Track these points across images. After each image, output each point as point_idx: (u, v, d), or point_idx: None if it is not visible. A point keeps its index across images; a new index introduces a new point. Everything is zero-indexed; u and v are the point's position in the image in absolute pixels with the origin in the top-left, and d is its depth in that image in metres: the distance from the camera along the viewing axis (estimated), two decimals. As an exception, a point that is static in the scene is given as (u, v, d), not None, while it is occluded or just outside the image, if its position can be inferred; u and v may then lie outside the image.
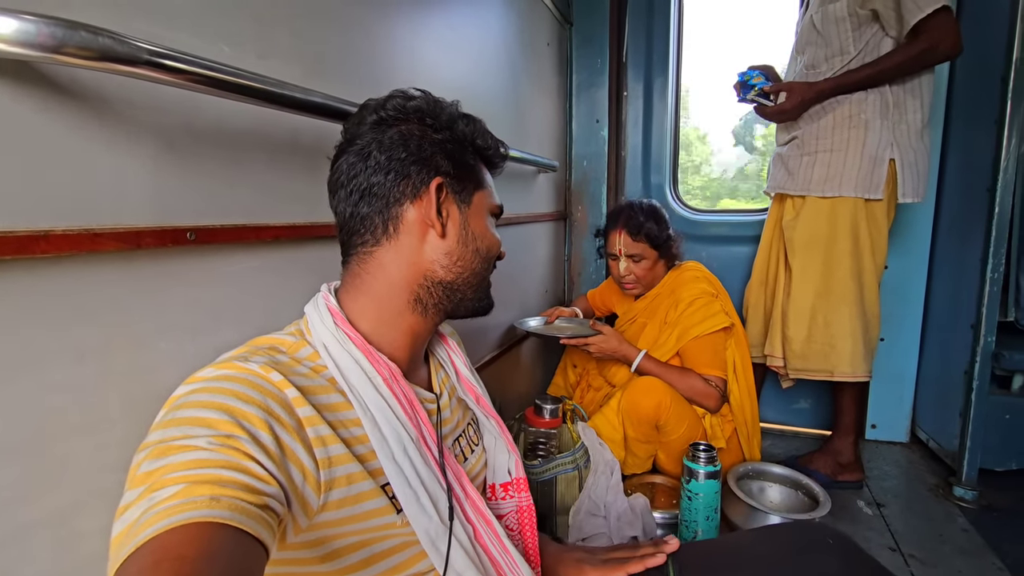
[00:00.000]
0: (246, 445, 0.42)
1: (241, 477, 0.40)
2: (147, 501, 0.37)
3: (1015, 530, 1.43)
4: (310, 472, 0.47)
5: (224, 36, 0.67)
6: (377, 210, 0.60)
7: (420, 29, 1.11)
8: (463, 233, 0.64)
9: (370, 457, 0.54)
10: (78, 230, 0.51)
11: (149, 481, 0.38)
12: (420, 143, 0.61)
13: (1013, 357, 1.63)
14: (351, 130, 0.62)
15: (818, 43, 1.52)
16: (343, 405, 0.55)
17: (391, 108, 0.61)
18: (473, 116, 0.67)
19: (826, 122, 1.51)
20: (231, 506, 0.38)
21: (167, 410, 0.45)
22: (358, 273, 0.62)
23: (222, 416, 0.43)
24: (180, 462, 0.39)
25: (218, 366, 0.49)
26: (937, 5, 1.30)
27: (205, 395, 0.45)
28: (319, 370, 0.56)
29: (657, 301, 1.60)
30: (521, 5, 1.68)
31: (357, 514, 0.52)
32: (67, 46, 0.44)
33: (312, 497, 0.48)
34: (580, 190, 2.25)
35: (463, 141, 0.65)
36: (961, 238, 1.68)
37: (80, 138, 0.52)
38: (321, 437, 0.50)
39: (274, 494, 0.42)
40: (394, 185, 0.60)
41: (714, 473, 1.19)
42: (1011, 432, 1.65)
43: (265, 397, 0.47)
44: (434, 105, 0.63)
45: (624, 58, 2.21)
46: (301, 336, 0.59)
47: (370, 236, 0.61)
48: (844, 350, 1.53)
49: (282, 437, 0.46)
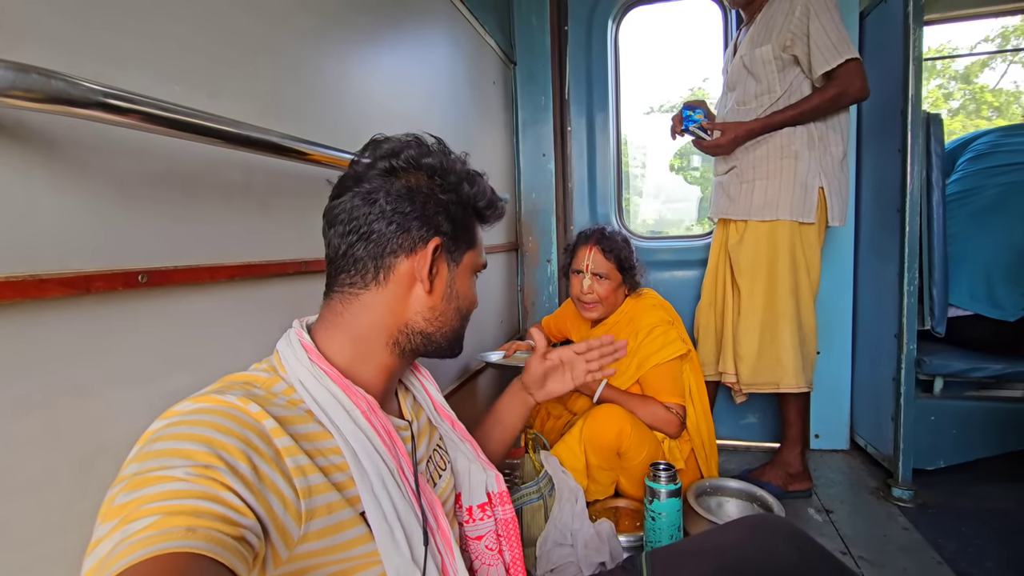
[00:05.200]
0: (224, 476, 0.41)
1: (218, 508, 0.39)
2: (120, 533, 0.36)
3: (948, 525, 1.53)
4: (290, 502, 0.47)
5: (176, 77, 0.66)
6: (371, 255, 0.62)
7: (372, 68, 1.13)
8: (448, 291, 0.67)
9: (348, 485, 0.54)
10: (22, 276, 0.48)
11: (123, 513, 0.37)
12: (426, 201, 0.63)
13: (933, 362, 1.77)
14: (360, 171, 0.63)
15: (748, 81, 1.66)
16: (321, 434, 0.55)
17: (404, 160, 0.62)
18: (478, 175, 0.69)
19: (761, 152, 1.63)
20: (207, 537, 0.37)
21: (143, 444, 0.44)
22: (340, 312, 0.63)
23: (200, 447, 0.42)
24: (156, 493, 0.38)
25: (195, 400, 0.48)
26: (841, 59, 1.46)
27: (183, 427, 0.44)
28: (296, 403, 0.56)
29: (616, 329, 1.63)
30: (467, 46, 1.74)
31: (338, 544, 0.51)
32: (16, 89, 0.43)
33: (293, 527, 0.47)
34: (530, 221, 2.31)
35: (466, 203, 0.67)
36: (879, 256, 1.84)
37: (24, 181, 0.50)
38: (300, 467, 0.49)
39: (251, 526, 0.41)
40: (394, 236, 0.61)
41: (675, 491, 1.22)
42: (937, 432, 1.78)
43: (243, 428, 0.46)
44: (446, 164, 0.65)
45: (567, 95, 2.32)
46: (274, 372, 0.58)
47: (359, 279, 0.62)
48: (788, 363, 1.62)
49: (261, 468, 0.45)
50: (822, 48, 1.47)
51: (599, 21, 2.26)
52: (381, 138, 0.66)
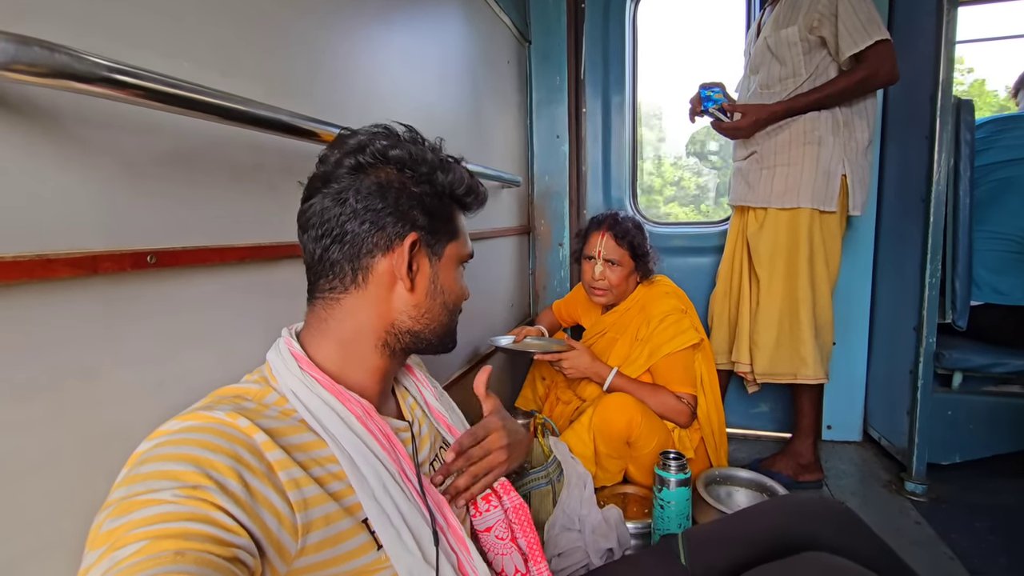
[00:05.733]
0: (214, 495, 0.40)
1: (208, 529, 0.38)
2: (108, 561, 0.35)
3: (961, 520, 1.52)
4: (285, 517, 0.46)
5: (185, 53, 0.64)
6: (348, 258, 0.59)
7: (384, 47, 1.10)
8: (432, 287, 0.64)
9: (346, 493, 0.53)
10: (29, 256, 0.48)
11: (111, 540, 0.37)
12: (398, 196, 0.60)
13: (952, 356, 1.73)
14: (327, 170, 0.60)
15: (772, 64, 1.60)
16: (316, 443, 0.53)
17: (370, 155, 0.59)
18: (454, 161, 0.66)
19: (783, 138, 1.58)
20: (197, 560, 0.36)
21: (130, 467, 0.43)
22: (324, 318, 0.61)
23: (188, 467, 0.41)
24: (143, 518, 0.37)
25: (182, 418, 0.47)
26: (872, 40, 1.40)
27: (170, 448, 0.43)
28: (289, 413, 0.54)
29: (628, 316, 1.61)
30: (481, 24, 1.70)
31: (339, 555, 0.50)
32: (18, 63, 0.42)
33: (289, 542, 0.46)
34: (542, 204, 2.28)
35: (442, 193, 0.64)
36: (901, 246, 1.79)
37: (31, 159, 0.49)
38: (294, 480, 0.48)
39: (244, 545, 0.40)
40: (368, 236, 0.59)
41: (685, 480, 1.21)
42: (953, 427, 1.75)
43: (233, 444, 0.45)
44: (415, 154, 0.62)
45: (582, 76, 2.27)
46: (266, 383, 0.57)
47: (338, 283, 0.60)
48: (807, 354, 1.60)
49: (252, 484, 0.44)
50: (851, 29, 1.42)
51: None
52: (348, 133, 0.63)
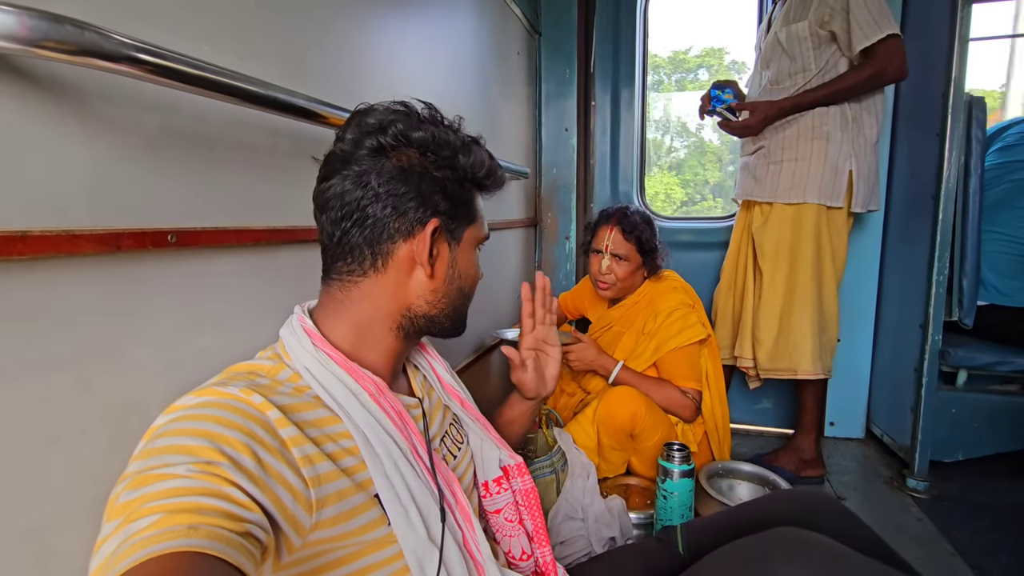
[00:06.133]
0: (227, 471, 0.41)
1: (221, 504, 0.39)
2: (123, 533, 0.36)
3: (963, 517, 1.52)
4: (299, 491, 0.47)
5: (205, 36, 0.65)
6: (368, 242, 0.59)
7: (397, 36, 1.11)
8: (450, 272, 0.64)
9: (359, 468, 0.54)
10: (56, 231, 0.49)
11: (126, 512, 0.37)
12: (420, 181, 0.59)
13: (958, 354, 1.74)
14: (347, 149, 0.59)
15: (782, 59, 1.60)
16: (330, 419, 0.54)
17: (392, 136, 0.58)
18: (474, 142, 0.65)
19: (791, 133, 1.58)
20: (210, 534, 0.36)
21: (147, 440, 0.44)
22: (340, 300, 0.62)
23: (202, 442, 0.42)
24: (158, 491, 0.38)
25: (197, 393, 0.48)
26: (883, 34, 1.39)
27: (185, 423, 0.44)
28: (303, 389, 0.55)
29: (634, 310, 1.61)
30: (493, 14, 1.70)
31: (352, 529, 0.51)
32: (49, 40, 0.43)
33: (304, 517, 0.47)
34: (550, 197, 2.28)
35: (463, 178, 0.64)
36: (908, 243, 1.79)
37: (58, 135, 0.50)
38: (307, 456, 0.49)
39: (256, 520, 0.41)
40: (390, 220, 0.59)
41: (688, 472, 1.22)
42: (957, 425, 1.75)
43: (247, 420, 0.46)
44: (438, 137, 0.60)
45: (592, 68, 2.26)
46: (279, 360, 0.58)
47: (357, 266, 0.60)
48: (806, 349, 1.60)
49: (266, 459, 0.45)
50: (862, 23, 1.41)
51: (629, -8, 2.19)
52: (365, 108, 0.61)
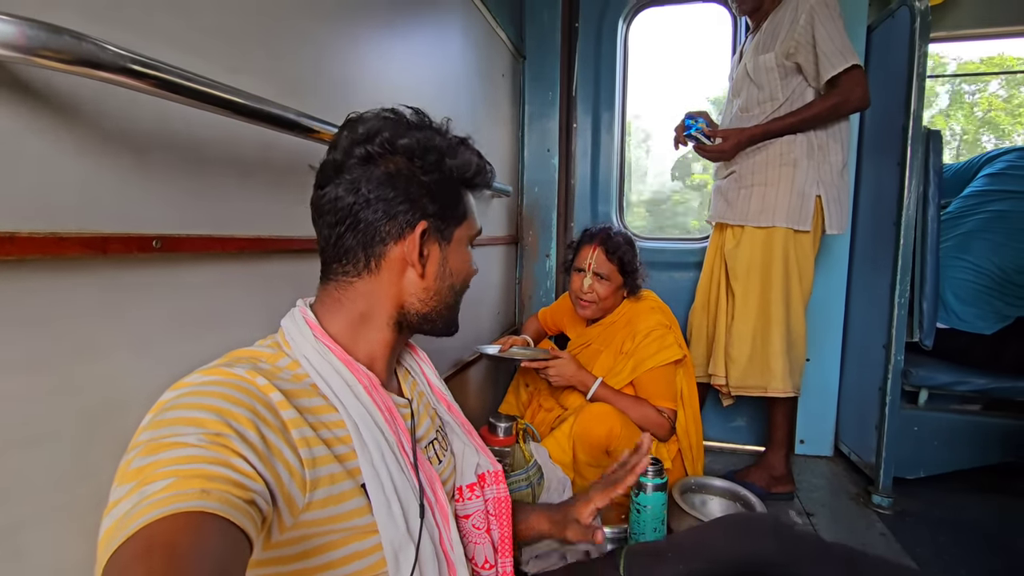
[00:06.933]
0: (234, 443, 0.43)
1: (230, 473, 0.41)
2: (138, 495, 0.38)
3: (925, 534, 1.57)
4: (296, 470, 0.49)
5: (199, 51, 0.67)
6: (361, 245, 0.62)
7: (387, 54, 1.14)
8: (441, 271, 0.67)
9: (350, 457, 0.56)
10: (44, 233, 0.50)
11: (140, 476, 0.39)
12: (408, 185, 0.62)
13: (919, 374, 1.81)
14: (339, 159, 0.62)
15: (751, 88, 1.68)
16: (325, 408, 0.56)
17: (379, 144, 0.61)
18: (461, 142, 0.68)
19: (760, 159, 1.66)
20: (220, 499, 0.38)
21: (155, 413, 0.46)
22: (337, 298, 0.64)
23: (211, 416, 0.44)
24: (170, 458, 0.40)
25: (204, 372, 0.50)
26: (847, 64, 1.48)
27: (194, 398, 0.46)
28: (301, 377, 0.57)
29: (612, 329, 1.64)
30: (479, 37, 1.75)
31: (339, 514, 0.53)
32: (47, 49, 0.44)
33: (298, 495, 0.49)
34: (531, 215, 2.32)
35: (451, 179, 0.66)
36: (873, 266, 1.87)
37: (50, 141, 0.51)
38: (305, 438, 0.51)
39: (260, 491, 0.43)
40: (380, 224, 0.61)
41: (661, 485, 1.24)
42: (919, 443, 1.82)
43: (251, 399, 0.48)
44: (423, 142, 0.63)
45: (573, 92, 2.33)
46: (279, 348, 0.60)
47: (351, 267, 0.63)
48: (776, 368, 1.65)
49: (268, 437, 0.47)
50: (828, 54, 1.49)
51: (610, 20, 2.27)
52: (355, 117, 0.64)
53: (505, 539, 0.77)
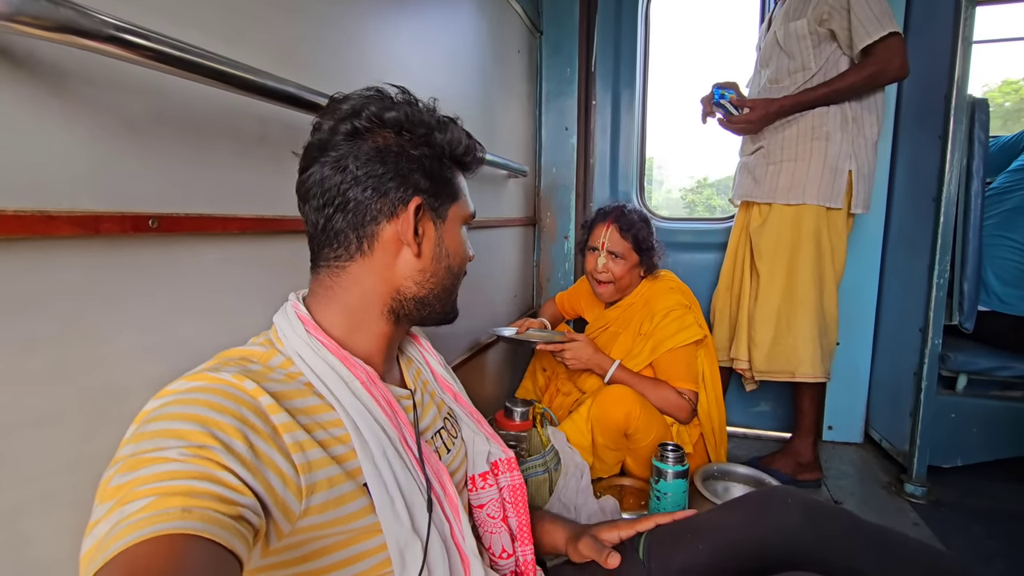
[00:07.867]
0: (219, 455, 0.41)
1: (214, 488, 0.39)
2: (117, 515, 0.36)
3: (960, 524, 1.51)
4: (290, 478, 0.46)
5: (194, 22, 0.64)
6: (352, 226, 0.59)
7: (394, 29, 1.10)
8: (437, 251, 0.64)
9: (349, 457, 0.53)
10: (31, 211, 0.48)
11: (119, 495, 0.37)
12: (398, 160, 0.59)
13: (958, 358, 1.72)
14: (323, 137, 0.59)
15: (781, 58, 1.59)
16: (321, 407, 0.54)
17: (366, 119, 0.58)
18: (450, 120, 0.66)
19: (791, 133, 1.57)
20: (203, 517, 0.36)
21: (138, 424, 0.44)
22: (330, 286, 0.62)
23: (194, 427, 0.42)
24: (151, 474, 0.38)
25: (189, 378, 0.47)
26: (885, 32, 1.38)
27: (177, 407, 0.44)
28: (294, 376, 0.55)
29: (631, 311, 1.60)
30: (493, 11, 1.69)
31: (341, 517, 0.51)
32: (23, 15, 0.42)
33: (293, 502, 0.47)
34: (549, 196, 2.27)
35: (441, 155, 0.64)
36: (909, 246, 1.77)
37: (35, 114, 0.49)
38: (299, 442, 0.49)
39: (249, 504, 0.41)
40: (371, 202, 0.59)
41: (682, 473, 1.21)
42: (956, 430, 1.74)
43: (239, 406, 0.46)
44: (411, 116, 0.61)
45: (593, 68, 2.25)
46: (271, 346, 0.58)
47: (343, 251, 0.60)
48: (805, 352, 1.58)
49: (257, 445, 0.45)
50: (864, 20, 1.40)
51: (631, -10, 2.18)
52: (340, 97, 0.62)
53: (523, 526, 0.75)
